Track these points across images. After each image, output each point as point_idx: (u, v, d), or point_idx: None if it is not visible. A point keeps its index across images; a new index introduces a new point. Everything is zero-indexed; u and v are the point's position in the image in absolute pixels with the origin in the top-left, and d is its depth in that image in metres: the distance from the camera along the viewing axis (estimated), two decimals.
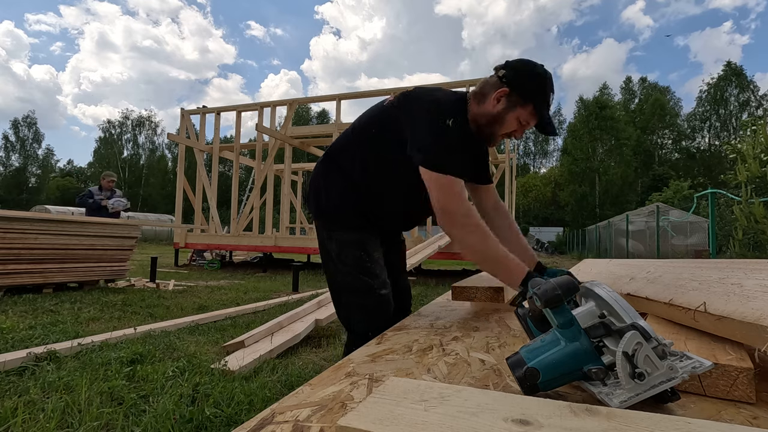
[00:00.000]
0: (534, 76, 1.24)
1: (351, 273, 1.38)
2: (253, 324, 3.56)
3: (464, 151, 1.28)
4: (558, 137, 47.67)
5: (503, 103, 1.25)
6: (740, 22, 68.55)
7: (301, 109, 46.62)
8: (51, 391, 1.99)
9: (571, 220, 36.55)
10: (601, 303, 0.71)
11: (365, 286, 1.36)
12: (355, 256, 1.37)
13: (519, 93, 1.23)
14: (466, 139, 1.28)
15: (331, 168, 1.46)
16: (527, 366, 0.65)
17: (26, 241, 4.73)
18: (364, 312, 1.37)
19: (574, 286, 0.70)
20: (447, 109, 1.24)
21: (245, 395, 1.98)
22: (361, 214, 1.38)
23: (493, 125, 1.27)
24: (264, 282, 7.18)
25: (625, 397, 0.59)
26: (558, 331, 0.68)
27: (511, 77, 1.24)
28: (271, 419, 0.58)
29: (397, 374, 0.76)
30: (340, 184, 1.42)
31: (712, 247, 7.74)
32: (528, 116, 1.25)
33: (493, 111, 1.26)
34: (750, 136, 6.73)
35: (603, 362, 0.65)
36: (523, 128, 1.29)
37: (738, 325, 0.67)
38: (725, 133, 39.46)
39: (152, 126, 49.38)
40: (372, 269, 1.37)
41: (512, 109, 1.24)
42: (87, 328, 3.39)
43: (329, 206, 1.46)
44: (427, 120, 1.23)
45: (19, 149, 47.32)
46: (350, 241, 1.39)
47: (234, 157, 10.97)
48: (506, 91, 1.24)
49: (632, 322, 0.64)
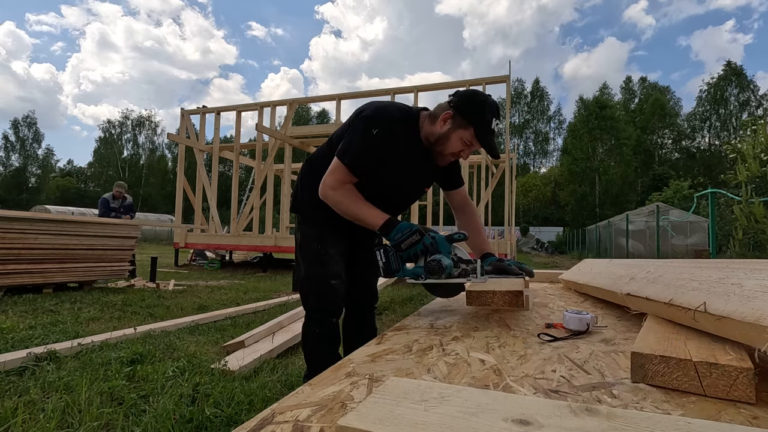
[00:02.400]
0: (474, 102, 1.42)
1: (308, 262, 1.60)
2: (253, 324, 3.56)
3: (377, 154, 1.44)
4: (558, 137, 47.81)
5: (448, 124, 1.42)
6: (743, 21, 68.57)
7: (301, 109, 46.62)
8: (51, 391, 2.00)
9: (571, 220, 36.53)
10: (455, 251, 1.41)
11: (318, 274, 1.57)
12: (313, 248, 1.59)
13: (461, 115, 1.41)
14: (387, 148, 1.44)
15: (308, 171, 1.67)
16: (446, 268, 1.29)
17: (26, 241, 4.73)
18: (315, 295, 1.59)
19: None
20: (378, 121, 1.41)
21: (245, 395, 1.98)
22: (325, 214, 1.53)
23: (440, 144, 1.45)
24: (264, 282, 7.18)
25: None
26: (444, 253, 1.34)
27: (455, 102, 1.42)
28: (271, 419, 0.58)
29: (397, 374, 0.76)
30: (311, 185, 1.59)
31: (712, 247, 7.74)
32: (470, 137, 1.41)
33: (440, 131, 1.43)
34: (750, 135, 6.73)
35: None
36: (469, 148, 1.45)
37: (738, 325, 0.67)
38: (725, 133, 39.47)
39: (152, 126, 49.40)
40: (325, 261, 1.58)
41: (455, 129, 1.42)
42: (87, 328, 3.40)
43: (301, 203, 1.68)
44: (360, 126, 1.42)
45: (19, 149, 47.33)
46: (311, 235, 1.62)
47: (234, 157, 10.97)
48: (450, 114, 1.41)
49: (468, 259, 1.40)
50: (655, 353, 0.69)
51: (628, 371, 0.74)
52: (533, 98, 48.35)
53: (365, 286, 1.82)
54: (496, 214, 16.39)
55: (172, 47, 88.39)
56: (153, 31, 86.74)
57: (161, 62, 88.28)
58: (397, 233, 1.34)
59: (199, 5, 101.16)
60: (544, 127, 48.77)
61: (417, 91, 9.68)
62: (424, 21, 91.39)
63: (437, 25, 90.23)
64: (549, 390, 0.69)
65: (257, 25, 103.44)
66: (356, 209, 1.42)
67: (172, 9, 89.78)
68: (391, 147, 1.44)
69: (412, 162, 1.52)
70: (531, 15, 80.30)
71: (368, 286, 1.83)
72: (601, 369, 0.79)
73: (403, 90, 9.99)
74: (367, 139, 1.40)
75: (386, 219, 1.38)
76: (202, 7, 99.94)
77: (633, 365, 0.71)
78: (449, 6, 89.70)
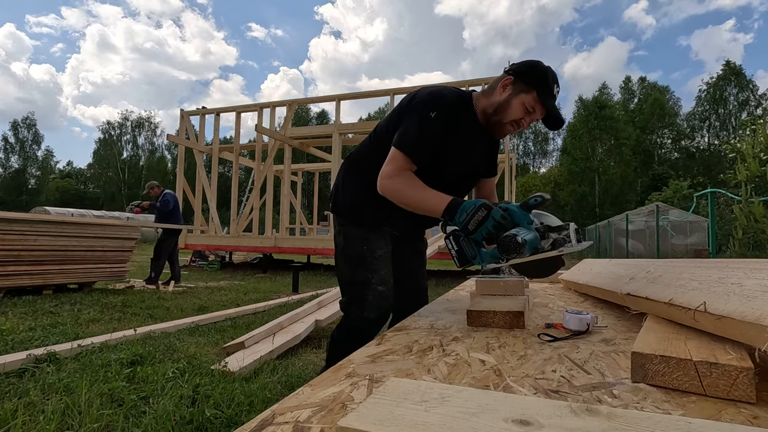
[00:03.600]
0: (536, 68, 1.36)
1: (353, 266, 1.49)
2: (253, 325, 3.56)
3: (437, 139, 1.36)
4: (558, 137, 47.82)
5: (508, 90, 1.35)
6: (743, 21, 68.66)
7: (301, 110, 46.63)
8: (51, 393, 1.99)
9: (570, 220, 36.16)
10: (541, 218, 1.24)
11: (364, 280, 1.45)
12: (359, 250, 1.48)
13: (522, 80, 1.34)
14: (447, 128, 1.36)
15: (349, 169, 1.59)
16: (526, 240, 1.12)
17: (26, 243, 4.73)
18: (360, 304, 1.45)
19: None
20: (434, 103, 1.34)
21: (245, 396, 1.98)
22: (370, 213, 1.46)
23: (500, 112, 1.37)
24: (264, 283, 7.18)
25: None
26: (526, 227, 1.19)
27: (515, 68, 1.37)
28: (272, 420, 0.58)
29: (397, 375, 0.76)
30: (354, 183, 1.54)
31: (711, 247, 7.74)
32: (532, 102, 1.34)
33: (500, 99, 1.36)
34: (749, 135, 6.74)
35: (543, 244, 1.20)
36: (530, 116, 1.37)
37: (738, 325, 0.67)
38: (724, 133, 39.48)
39: (152, 127, 49.37)
40: (372, 264, 1.46)
41: (517, 95, 1.34)
42: (87, 330, 3.39)
43: (342, 203, 1.57)
44: (416, 111, 1.35)
45: (18, 151, 47.29)
46: (355, 237, 1.50)
47: (234, 158, 10.97)
48: (511, 79, 1.36)
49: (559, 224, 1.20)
50: (655, 353, 0.69)
51: (628, 371, 0.74)
52: None
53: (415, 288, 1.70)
54: None
55: (172, 49, 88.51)
56: (153, 32, 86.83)
57: (161, 63, 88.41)
58: (461, 214, 1.22)
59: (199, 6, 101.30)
60: (543, 127, 48.65)
61: None
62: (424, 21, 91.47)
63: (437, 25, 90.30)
64: (549, 390, 0.69)
65: (257, 26, 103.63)
66: (418, 195, 1.31)
67: (172, 10, 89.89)
68: (450, 130, 1.37)
69: (472, 144, 1.46)
70: (531, 15, 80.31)
71: (419, 288, 1.71)
72: (601, 369, 0.79)
73: (402, 91, 9.99)
74: (426, 124, 1.32)
75: (449, 201, 1.26)
76: (202, 8, 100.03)
77: (633, 365, 0.71)
78: (449, 6, 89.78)
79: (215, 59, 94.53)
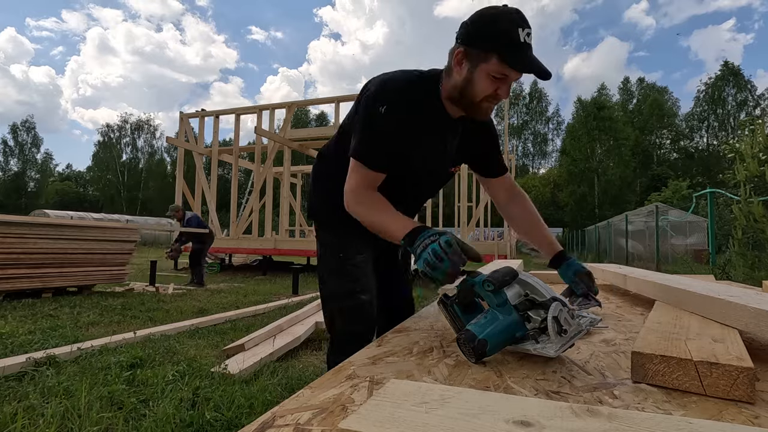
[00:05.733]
0: (484, 22, 1.05)
1: (331, 275, 1.35)
2: (253, 327, 3.56)
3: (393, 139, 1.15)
4: (557, 138, 47.87)
5: (465, 65, 1.09)
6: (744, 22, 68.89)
7: (300, 112, 46.67)
8: (50, 396, 1.99)
9: (570, 221, 36.54)
10: (524, 285, 0.87)
11: (344, 290, 1.30)
12: (336, 258, 1.33)
13: (476, 46, 1.06)
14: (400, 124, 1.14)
15: (319, 170, 1.43)
16: (478, 338, 0.80)
17: (25, 246, 4.72)
18: (343, 315, 1.32)
19: (515, 272, 0.88)
20: (383, 96, 1.13)
21: (245, 399, 1.98)
22: (343, 216, 1.22)
23: (467, 93, 1.11)
24: (264, 285, 7.18)
25: (557, 347, 0.79)
26: (496, 310, 0.85)
27: (463, 34, 1.09)
28: (272, 423, 0.57)
29: (397, 376, 0.76)
30: (324, 185, 1.39)
31: (711, 247, 7.75)
32: (498, 68, 1.05)
33: (460, 78, 1.10)
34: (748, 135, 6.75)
35: (527, 328, 0.84)
36: (505, 83, 1.09)
37: None
38: (723, 133, 39.55)
39: (151, 129, 49.41)
40: (352, 272, 1.31)
41: (476, 66, 1.07)
42: (86, 333, 3.39)
43: (315, 208, 1.44)
44: (366, 108, 1.14)
45: (17, 154, 47.30)
46: (332, 244, 1.36)
47: (233, 160, 10.97)
48: (462, 50, 1.08)
49: (552, 296, 0.83)
50: (655, 353, 0.69)
51: (629, 371, 0.74)
52: (531, 99, 48.46)
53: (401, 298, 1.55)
54: (496, 215, 16.38)
55: (172, 52, 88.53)
56: (154, 36, 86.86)
57: (161, 66, 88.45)
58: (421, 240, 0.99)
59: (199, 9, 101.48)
60: (542, 129, 48.87)
61: None
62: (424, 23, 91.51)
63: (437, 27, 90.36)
64: (550, 391, 0.69)
65: (257, 29, 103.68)
66: (378, 219, 1.13)
67: (172, 14, 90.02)
68: (407, 123, 1.14)
69: (437, 135, 1.23)
70: (531, 17, 79.35)
71: (404, 298, 1.56)
72: (601, 369, 0.78)
73: None
74: (376, 122, 1.12)
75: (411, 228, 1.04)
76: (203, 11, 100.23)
77: (633, 365, 0.71)
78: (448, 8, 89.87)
79: (215, 62, 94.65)
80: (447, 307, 1.00)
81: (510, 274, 0.86)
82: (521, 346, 0.83)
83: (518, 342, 0.84)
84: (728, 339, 0.76)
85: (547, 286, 0.86)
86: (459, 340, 0.84)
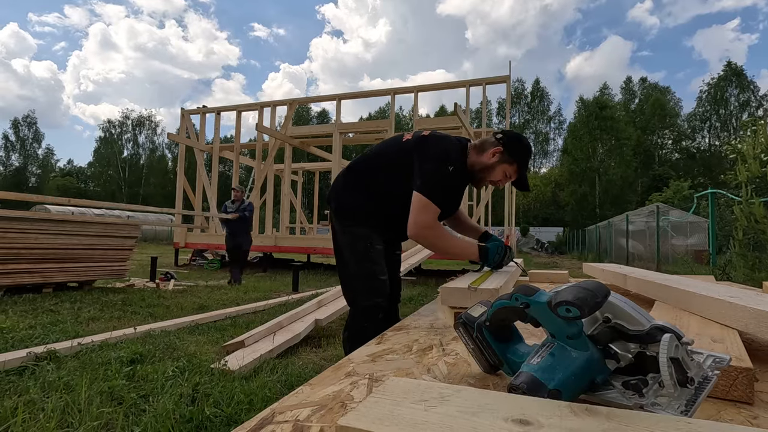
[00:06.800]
0: (522, 143, 1.69)
1: (359, 260, 1.72)
2: (253, 324, 3.56)
3: (453, 190, 1.72)
4: (558, 137, 47.82)
5: (497, 158, 1.65)
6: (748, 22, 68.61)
7: (301, 109, 46.64)
8: (51, 391, 2.00)
9: (571, 220, 36.50)
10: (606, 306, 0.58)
11: (369, 271, 1.70)
12: (364, 246, 1.72)
13: (509, 153, 1.65)
14: (459, 181, 1.68)
15: (352, 178, 1.82)
16: (549, 389, 0.56)
17: (26, 241, 4.73)
18: (367, 290, 1.71)
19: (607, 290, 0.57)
20: (452, 158, 1.62)
21: (245, 395, 1.99)
22: (373, 217, 1.74)
23: (485, 173, 1.67)
24: (264, 282, 7.18)
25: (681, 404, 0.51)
26: (566, 342, 0.60)
27: (505, 141, 1.65)
28: (271, 419, 0.58)
29: (397, 374, 0.76)
30: (357, 191, 1.78)
31: (712, 247, 7.74)
32: (512, 171, 1.68)
33: (488, 162, 1.66)
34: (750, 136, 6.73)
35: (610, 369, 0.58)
36: (506, 180, 1.69)
37: None
38: (725, 133, 39.47)
39: (152, 126, 49.39)
40: (375, 258, 1.71)
41: (501, 163, 1.65)
42: (87, 328, 3.40)
43: (346, 207, 1.80)
44: (435, 162, 1.60)
45: (19, 149, 47.34)
46: (360, 235, 1.74)
47: (234, 157, 10.98)
48: (500, 150, 1.64)
49: (653, 324, 0.56)
50: None
51: None
52: (533, 98, 48.32)
53: (395, 280, 1.97)
54: (496, 214, 16.38)
55: (175, 48, 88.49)
56: (156, 32, 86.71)
57: (163, 62, 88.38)
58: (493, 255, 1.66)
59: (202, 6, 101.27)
60: (544, 128, 48.75)
61: (417, 92, 9.69)
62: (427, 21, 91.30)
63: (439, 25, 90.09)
64: None
65: (259, 25, 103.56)
66: (452, 246, 1.64)
67: (175, 10, 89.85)
68: (460, 178, 1.68)
69: (463, 187, 1.80)
70: (534, 15, 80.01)
71: (397, 279, 2.00)
72: None
73: (403, 90, 10.00)
74: (447, 179, 1.59)
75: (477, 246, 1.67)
76: (205, 8, 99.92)
77: None
78: (451, 6, 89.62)
79: (218, 59, 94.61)
80: (471, 331, 0.74)
81: (602, 292, 0.56)
82: (605, 396, 0.57)
83: (597, 390, 0.58)
84: (728, 339, 0.76)
85: (638, 307, 0.59)
86: (515, 389, 0.57)
